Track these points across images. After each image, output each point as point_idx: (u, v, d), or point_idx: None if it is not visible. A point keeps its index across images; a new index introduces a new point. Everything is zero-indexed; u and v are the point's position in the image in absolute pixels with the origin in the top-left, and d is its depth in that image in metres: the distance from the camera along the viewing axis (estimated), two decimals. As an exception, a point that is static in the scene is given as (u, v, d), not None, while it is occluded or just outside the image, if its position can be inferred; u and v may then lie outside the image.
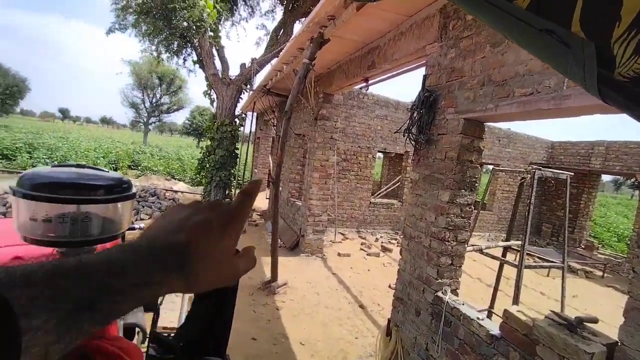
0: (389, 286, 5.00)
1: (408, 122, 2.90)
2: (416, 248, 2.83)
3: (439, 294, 2.51)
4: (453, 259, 2.56)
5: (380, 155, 10.76)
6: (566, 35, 0.40)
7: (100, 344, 0.71)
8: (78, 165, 0.69)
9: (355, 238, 7.64)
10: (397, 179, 9.50)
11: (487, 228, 10.06)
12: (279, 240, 4.96)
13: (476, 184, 2.58)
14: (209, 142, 7.83)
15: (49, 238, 0.61)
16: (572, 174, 3.92)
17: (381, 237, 8.03)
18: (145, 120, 35.26)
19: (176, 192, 10.44)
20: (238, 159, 8.26)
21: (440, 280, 2.55)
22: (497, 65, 2.18)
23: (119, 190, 0.67)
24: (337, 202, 7.40)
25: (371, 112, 7.97)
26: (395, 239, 7.89)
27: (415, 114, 2.83)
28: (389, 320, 3.19)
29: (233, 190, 8.82)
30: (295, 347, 3.21)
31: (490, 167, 8.16)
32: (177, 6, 6.56)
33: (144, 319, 1.50)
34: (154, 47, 7.76)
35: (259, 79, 7.70)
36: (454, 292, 2.59)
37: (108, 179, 0.67)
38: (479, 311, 2.38)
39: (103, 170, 0.71)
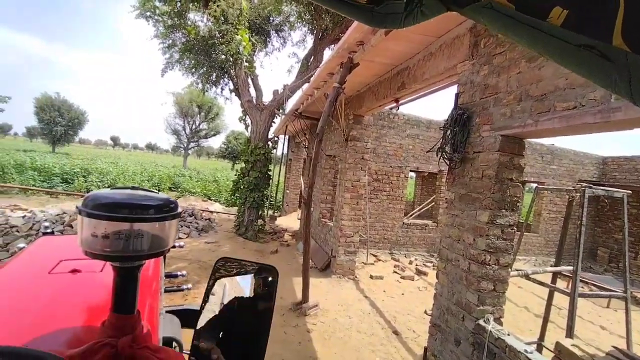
0: (425, 312, 4.74)
1: (441, 140, 2.84)
2: (454, 271, 2.68)
3: (481, 322, 2.34)
4: (495, 284, 2.40)
5: (413, 174, 10.54)
6: (607, 49, 0.39)
7: (146, 355, 0.75)
8: (132, 188, 0.76)
9: (388, 260, 7.41)
10: (431, 198, 9.20)
11: (533, 252, 9.31)
12: (310, 260, 4.94)
13: (518, 204, 2.44)
14: (243, 165, 8.15)
15: (105, 252, 0.67)
16: (630, 192, 3.57)
17: (415, 259, 7.71)
18: (185, 145, 37.62)
19: (212, 212, 10.87)
20: (271, 181, 8.48)
21: (481, 307, 2.38)
22: (534, 80, 2.11)
23: (166, 210, 0.72)
24: (369, 222, 7.28)
25: (402, 132, 7.91)
26: (431, 262, 7.54)
27: (448, 132, 2.78)
28: (425, 349, 3.01)
29: (265, 211, 9.01)
30: (327, 373, 3.12)
31: (534, 185, 7.65)
32: (217, 42, 7.11)
33: (181, 333, 1.55)
34: (198, 80, 8.46)
35: (290, 104, 8.02)
36: (498, 320, 2.40)
37: (157, 200, 0.73)
38: (527, 343, 2.17)
39: (153, 192, 0.77)
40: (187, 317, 1.54)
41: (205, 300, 0.89)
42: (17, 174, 13.30)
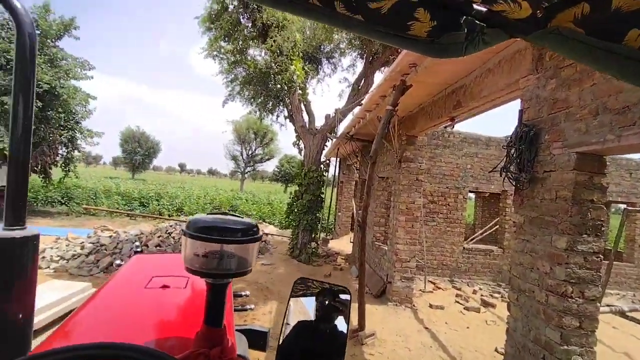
0: (496, 350, 4.27)
1: (505, 159, 2.67)
2: (529, 304, 2.42)
3: (566, 364, 2.05)
4: (582, 320, 2.10)
5: (472, 195, 9.89)
6: None
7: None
8: (223, 213, 0.86)
9: (448, 288, 6.89)
10: (495, 221, 8.48)
11: (628, 285, 7.93)
12: (365, 286, 4.82)
13: (602, 228, 2.16)
14: (297, 188, 8.43)
15: (202, 269, 0.76)
16: None
17: (480, 288, 7.06)
18: (242, 169, 40.19)
19: (267, 234, 11.29)
20: (323, 203, 8.61)
21: (566, 347, 2.09)
22: (612, 92, 1.92)
23: (251, 234, 0.81)
24: (425, 247, 6.93)
25: (458, 151, 7.56)
26: (499, 292, 6.83)
27: (512, 151, 2.61)
28: (499, 391, 2.70)
29: (318, 233, 9.10)
30: (387, 408, 2.94)
31: (622, 206, 6.62)
32: (272, 72, 7.70)
33: (248, 352, 1.62)
34: (255, 108, 9.18)
35: (342, 127, 8.21)
36: (588, 364, 2.08)
37: (243, 224, 0.81)
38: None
39: (239, 217, 0.87)
40: (253, 337, 1.61)
41: (284, 319, 0.94)
42: (105, 198, 15.37)
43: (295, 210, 8.25)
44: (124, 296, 1.33)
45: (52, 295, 3.82)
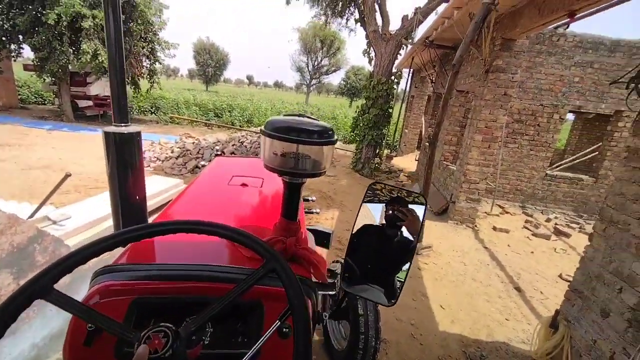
0: (560, 276, 4.16)
1: (638, 69, 2.10)
2: (618, 236, 2.18)
3: (650, 299, 1.90)
4: (686, 260, 1.85)
5: (570, 117, 8.44)
6: None
7: (305, 254, 0.91)
8: (299, 115, 0.85)
9: (517, 213, 6.56)
10: (594, 147, 7.29)
11: None
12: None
13: None
14: (364, 101, 8.07)
15: (280, 168, 0.80)
16: None
17: (556, 217, 6.56)
18: (307, 82, 39.43)
19: (331, 148, 11.52)
20: (390, 119, 8.22)
21: (654, 283, 1.91)
22: None
23: (326, 136, 0.80)
24: (500, 170, 6.42)
25: (568, 59, 6.16)
26: (577, 223, 6.30)
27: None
28: (556, 312, 2.70)
29: (382, 149, 8.97)
30: (435, 308, 3.22)
31: None
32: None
33: (316, 248, 1.81)
34: (322, 11, 8.38)
35: (420, 32, 7.16)
36: (678, 303, 1.90)
37: (319, 126, 0.80)
38: None
39: (314, 119, 0.85)
40: (319, 236, 1.78)
41: (355, 222, 0.98)
42: (185, 109, 16.85)
43: (361, 124, 8.06)
44: (211, 190, 1.53)
45: (155, 187, 4.64)
